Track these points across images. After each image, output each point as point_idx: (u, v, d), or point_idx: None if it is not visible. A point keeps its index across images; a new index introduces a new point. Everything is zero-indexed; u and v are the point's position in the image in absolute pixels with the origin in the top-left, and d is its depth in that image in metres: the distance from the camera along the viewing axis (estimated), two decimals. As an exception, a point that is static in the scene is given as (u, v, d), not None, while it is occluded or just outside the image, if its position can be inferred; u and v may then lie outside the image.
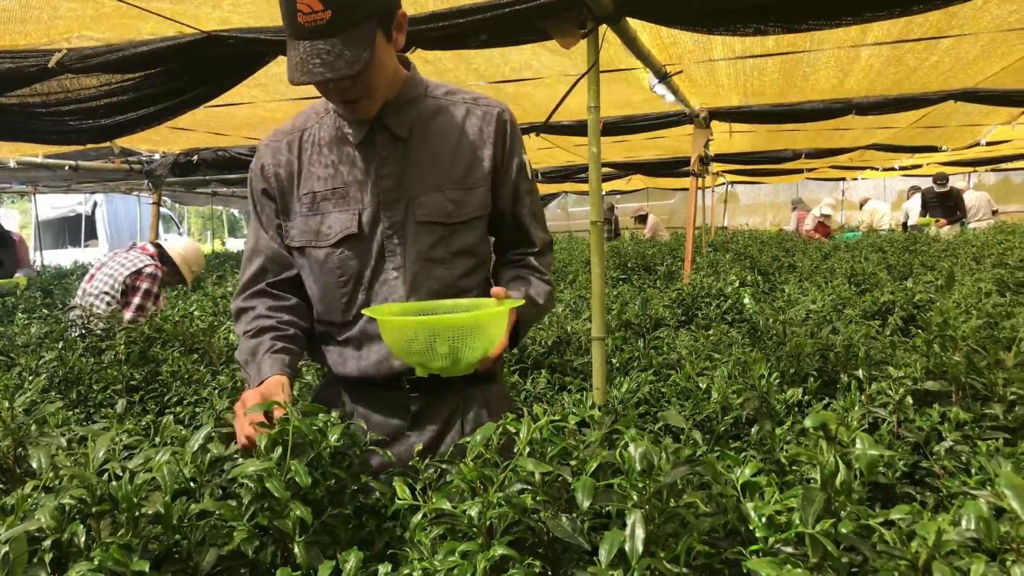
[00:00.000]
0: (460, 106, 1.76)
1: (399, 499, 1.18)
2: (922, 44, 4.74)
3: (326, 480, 1.25)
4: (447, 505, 1.12)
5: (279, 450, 1.21)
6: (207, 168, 8.90)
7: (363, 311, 1.58)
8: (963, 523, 0.99)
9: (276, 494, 1.13)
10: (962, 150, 10.78)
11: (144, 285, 4.94)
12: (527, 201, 1.82)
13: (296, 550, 1.12)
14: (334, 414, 1.32)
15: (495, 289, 1.61)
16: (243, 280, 1.81)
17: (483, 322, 1.47)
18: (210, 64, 3.61)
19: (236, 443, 1.42)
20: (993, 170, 16.87)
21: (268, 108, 5.94)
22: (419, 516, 1.14)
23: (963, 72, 5.58)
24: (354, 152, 1.70)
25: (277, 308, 1.75)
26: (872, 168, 15.09)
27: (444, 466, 1.27)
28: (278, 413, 1.36)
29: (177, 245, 5.44)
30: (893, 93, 6.17)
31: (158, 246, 5.31)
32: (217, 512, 1.18)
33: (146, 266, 5.00)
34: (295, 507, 1.13)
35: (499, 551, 1.00)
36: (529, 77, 5.16)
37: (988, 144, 10.11)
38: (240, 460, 1.33)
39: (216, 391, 3.21)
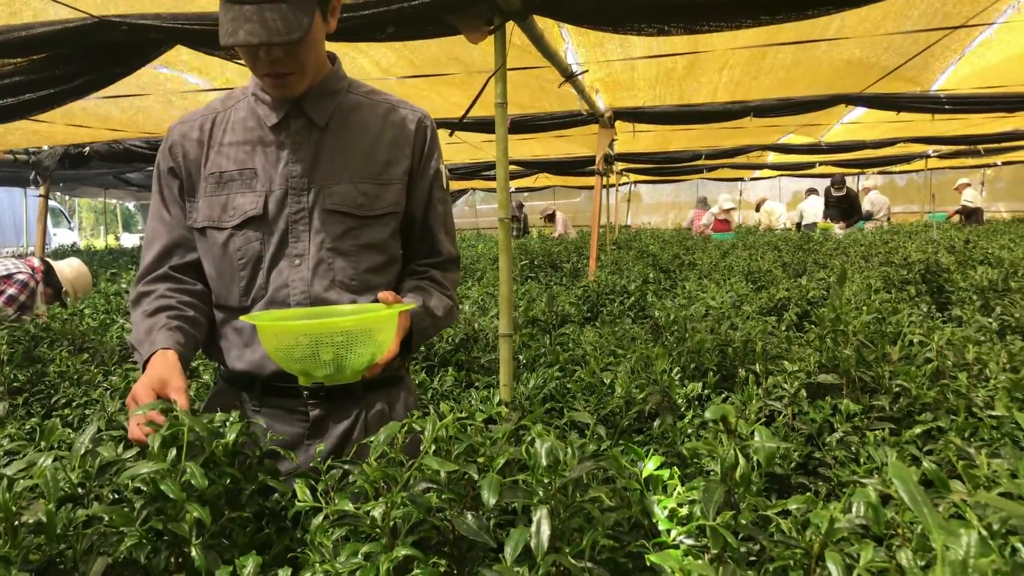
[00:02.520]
0: (382, 105, 1.75)
1: (299, 501, 1.15)
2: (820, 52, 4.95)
3: (221, 480, 1.20)
4: (350, 506, 1.09)
5: (173, 451, 1.16)
6: (100, 161, 8.51)
7: (242, 317, 1.51)
8: (853, 510, 1.03)
9: (172, 495, 1.08)
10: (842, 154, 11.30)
11: (9, 290, 4.63)
12: (440, 210, 1.80)
13: (193, 553, 1.08)
14: (234, 414, 1.28)
15: (383, 294, 1.54)
16: (144, 264, 1.72)
17: (370, 326, 1.41)
18: (101, 51, 3.44)
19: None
20: (881, 172, 17.69)
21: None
22: (320, 518, 1.11)
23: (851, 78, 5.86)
24: (267, 135, 1.66)
25: (179, 291, 1.68)
26: (768, 167, 15.62)
27: (347, 467, 1.25)
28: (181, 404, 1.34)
29: (68, 270, 5.13)
30: (789, 96, 6.41)
31: (48, 264, 5.01)
32: (107, 518, 1.12)
33: (19, 272, 4.70)
34: (192, 508, 1.09)
35: (403, 551, 0.99)
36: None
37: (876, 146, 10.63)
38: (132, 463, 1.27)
39: (108, 392, 3.07)
